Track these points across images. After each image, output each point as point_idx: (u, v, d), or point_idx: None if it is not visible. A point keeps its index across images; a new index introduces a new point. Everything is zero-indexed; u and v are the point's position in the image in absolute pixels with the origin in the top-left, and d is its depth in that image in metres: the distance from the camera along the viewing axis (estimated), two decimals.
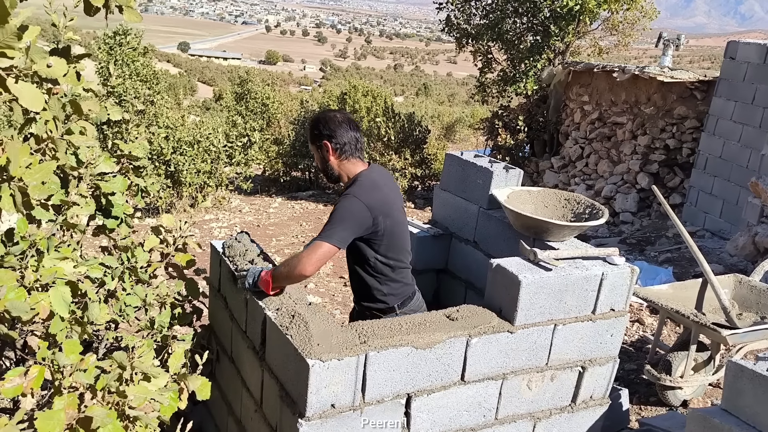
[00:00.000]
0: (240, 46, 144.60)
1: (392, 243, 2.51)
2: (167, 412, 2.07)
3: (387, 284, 2.57)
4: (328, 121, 2.52)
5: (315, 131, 2.53)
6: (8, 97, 1.55)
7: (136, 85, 11.17)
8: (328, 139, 2.49)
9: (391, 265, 2.54)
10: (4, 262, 1.94)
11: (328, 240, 2.28)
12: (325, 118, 2.55)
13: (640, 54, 53.27)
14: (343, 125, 2.52)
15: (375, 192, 2.44)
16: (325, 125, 2.51)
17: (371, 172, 2.54)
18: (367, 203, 2.37)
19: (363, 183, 2.46)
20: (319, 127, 2.52)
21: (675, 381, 3.44)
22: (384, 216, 2.43)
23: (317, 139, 2.52)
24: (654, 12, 11.17)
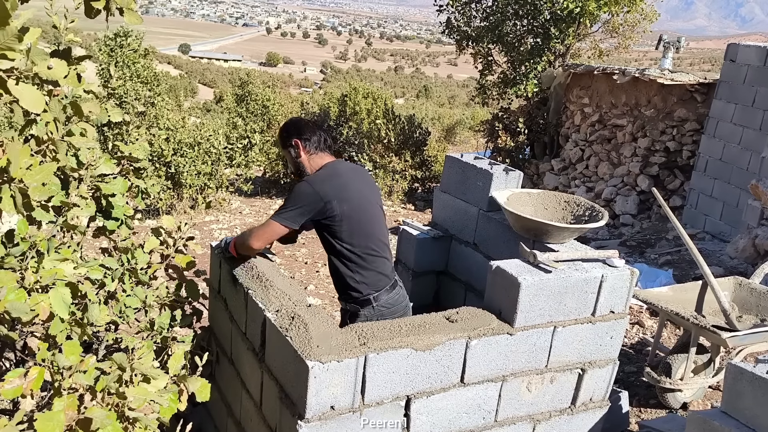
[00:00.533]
0: (241, 47, 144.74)
1: (354, 229, 2.56)
2: (167, 414, 2.07)
3: (358, 272, 2.59)
4: (294, 124, 2.75)
5: (284, 134, 2.72)
6: (9, 99, 1.56)
7: (137, 87, 11.17)
8: (298, 137, 2.67)
9: (358, 254, 2.58)
10: (4, 263, 1.94)
11: (277, 219, 2.50)
12: (292, 121, 2.79)
13: (641, 56, 53.31)
14: (309, 125, 2.73)
15: (331, 179, 2.57)
16: (293, 127, 2.72)
17: (336, 163, 2.70)
18: (317, 188, 2.50)
19: (320, 172, 2.62)
20: (288, 129, 2.72)
21: (675, 383, 3.44)
22: (339, 201, 2.50)
23: (288, 141, 2.69)
24: (654, 14, 11.18)
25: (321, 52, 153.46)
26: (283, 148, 2.74)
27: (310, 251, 7.47)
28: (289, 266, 6.81)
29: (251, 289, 2.42)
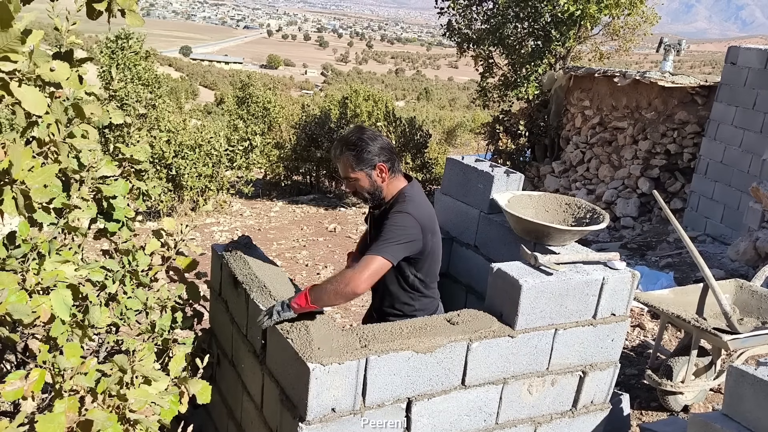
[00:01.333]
0: (242, 50, 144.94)
1: (433, 262, 2.50)
2: (168, 416, 2.07)
3: (419, 300, 2.54)
4: (374, 141, 2.34)
5: (365, 154, 2.32)
6: (11, 101, 1.56)
7: (138, 89, 11.19)
8: (384, 160, 2.35)
9: (426, 283, 2.52)
10: (5, 265, 1.94)
11: (382, 254, 2.16)
12: (370, 137, 2.34)
13: (641, 59, 53.33)
14: (385, 141, 2.38)
15: (424, 208, 2.37)
16: (374, 146, 2.33)
17: (413, 187, 2.44)
18: (419, 219, 2.29)
19: (413, 199, 2.36)
20: (368, 149, 2.32)
21: (676, 386, 3.44)
22: (432, 234, 2.39)
23: (368, 164, 2.33)
24: (655, 17, 11.19)
25: (322, 55, 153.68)
26: (357, 169, 2.34)
27: (311, 254, 7.47)
28: (290, 269, 6.81)
29: (252, 291, 2.42)
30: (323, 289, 2.14)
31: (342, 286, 2.13)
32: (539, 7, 10.53)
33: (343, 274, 2.16)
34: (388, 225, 2.25)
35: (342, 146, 2.36)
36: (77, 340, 2.09)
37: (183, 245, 2.73)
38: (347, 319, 5.35)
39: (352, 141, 2.34)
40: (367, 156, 2.32)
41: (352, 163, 2.33)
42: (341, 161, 2.36)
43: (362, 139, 2.33)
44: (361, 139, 2.33)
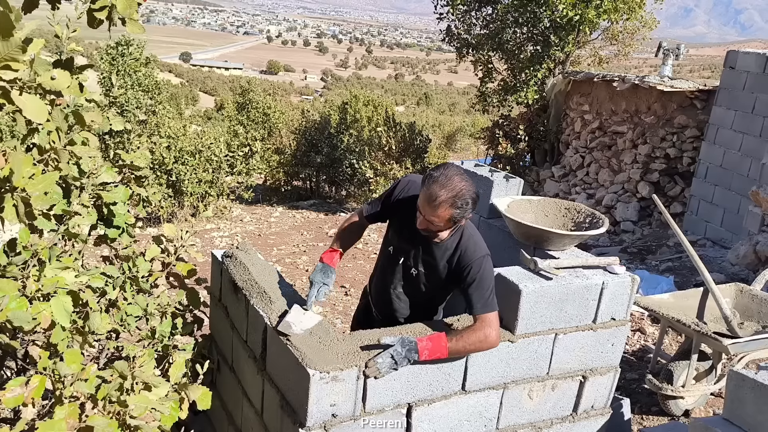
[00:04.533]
0: (241, 56, 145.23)
1: None
2: (168, 422, 2.07)
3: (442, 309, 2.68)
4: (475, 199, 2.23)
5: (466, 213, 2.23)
6: (12, 109, 1.57)
7: (138, 96, 11.23)
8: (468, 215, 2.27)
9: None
10: (6, 272, 1.95)
11: (496, 308, 2.23)
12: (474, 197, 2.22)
13: (640, 63, 53.43)
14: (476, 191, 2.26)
15: (481, 238, 2.38)
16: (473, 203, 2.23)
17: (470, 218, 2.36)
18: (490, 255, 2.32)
19: (477, 234, 2.36)
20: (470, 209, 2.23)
21: (677, 390, 3.43)
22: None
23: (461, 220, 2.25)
24: (654, 22, 11.22)
25: (322, 60, 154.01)
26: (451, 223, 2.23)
27: (311, 259, 7.47)
28: (290, 274, 6.81)
29: (252, 297, 2.42)
30: (462, 350, 2.19)
31: (482, 347, 2.21)
32: (538, 13, 10.57)
33: (476, 336, 2.18)
34: (483, 275, 2.24)
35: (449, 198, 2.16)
36: (77, 346, 2.09)
37: (183, 251, 2.73)
38: (347, 325, 5.35)
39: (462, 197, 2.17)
40: (466, 214, 2.23)
41: (454, 218, 2.20)
42: (438, 210, 2.17)
43: (471, 199, 2.20)
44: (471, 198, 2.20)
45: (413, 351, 2.10)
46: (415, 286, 2.52)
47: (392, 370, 2.09)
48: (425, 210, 2.20)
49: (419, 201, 2.23)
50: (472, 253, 2.29)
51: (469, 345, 2.17)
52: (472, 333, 2.17)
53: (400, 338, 2.11)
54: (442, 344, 2.14)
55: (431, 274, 2.44)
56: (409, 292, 2.55)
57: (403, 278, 2.54)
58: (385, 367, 2.06)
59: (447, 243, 2.35)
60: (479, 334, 2.17)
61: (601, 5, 9.93)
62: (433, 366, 2.20)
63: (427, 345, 2.13)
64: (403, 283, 2.55)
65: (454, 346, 2.16)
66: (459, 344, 2.16)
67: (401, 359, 2.08)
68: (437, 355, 2.14)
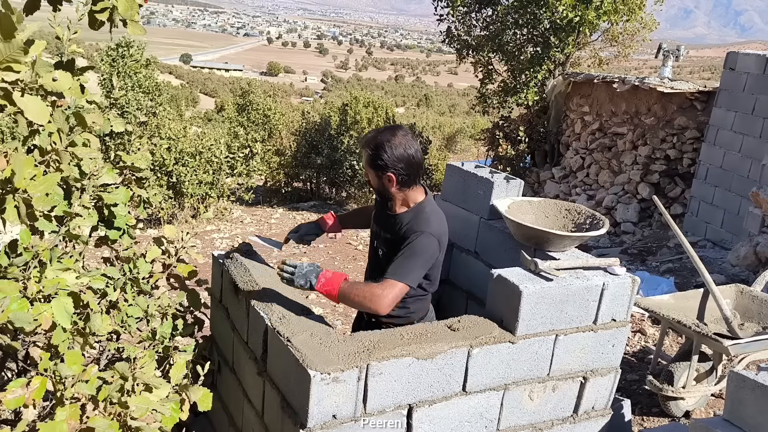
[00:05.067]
0: (242, 57, 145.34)
1: (435, 274, 2.54)
2: (169, 423, 2.07)
3: (414, 303, 2.58)
4: (394, 148, 2.32)
5: (378, 161, 2.34)
6: (13, 110, 1.57)
7: (139, 97, 11.24)
8: (394, 172, 2.35)
9: (425, 288, 2.55)
10: (7, 273, 1.95)
11: (406, 280, 2.23)
12: (392, 144, 2.32)
13: (640, 65, 53.46)
14: (409, 150, 2.35)
15: (442, 225, 2.42)
16: (391, 154, 2.32)
17: (431, 201, 2.47)
18: (439, 239, 2.35)
19: (433, 217, 2.40)
20: (383, 156, 2.33)
21: (677, 391, 3.43)
22: (443, 251, 2.44)
23: (381, 169, 2.36)
24: (653, 23, 11.23)
25: (322, 62, 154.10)
26: (371, 168, 2.39)
27: (312, 260, 7.47)
28: None
29: (253, 298, 2.43)
30: (351, 294, 2.19)
31: (366, 302, 2.19)
32: (538, 14, 10.58)
33: (371, 290, 2.19)
34: (413, 246, 2.28)
35: (367, 142, 2.39)
36: (78, 347, 2.09)
37: (184, 253, 2.73)
38: (348, 326, 5.35)
39: (376, 141, 2.35)
40: (380, 162, 2.34)
41: (368, 162, 2.39)
42: (364, 157, 2.42)
43: (384, 143, 2.33)
44: (385, 142, 2.33)
45: (314, 275, 2.17)
46: (381, 267, 2.49)
47: (288, 281, 2.18)
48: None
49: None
50: (416, 226, 2.36)
51: (357, 295, 2.17)
52: (368, 287, 2.19)
53: (311, 263, 2.20)
54: (338, 282, 2.17)
55: (390, 250, 2.46)
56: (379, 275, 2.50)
57: (374, 261, 2.61)
58: (286, 275, 2.17)
59: (403, 217, 2.44)
60: (373, 291, 2.18)
61: (601, 7, 9.95)
62: (434, 367, 2.21)
63: (327, 275, 2.18)
64: (376, 267, 2.58)
65: (345, 288, 2.17)
66: (350, 289, 2.17)
67: (300, 276, 2.16)
68: (328, 289, 2.17)
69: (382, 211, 2.57)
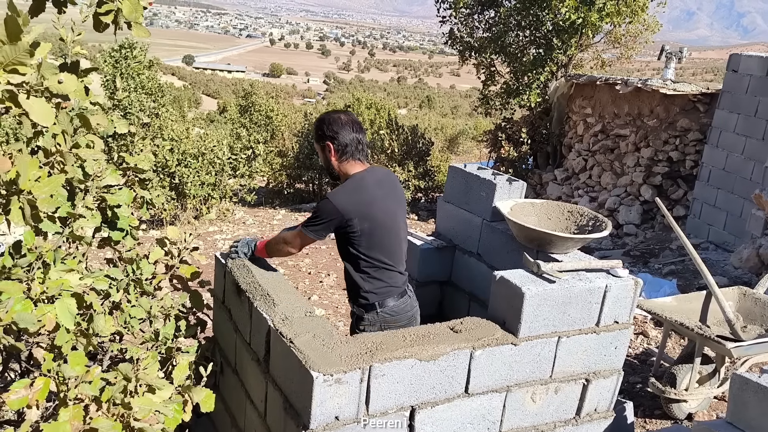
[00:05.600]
0: (244, 59, 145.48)
1: (372, 244, 2.59)
2: (171, 424, 2.07)
3: (368, 281, 2.65)
4: (332, 123, 2.62)
5: (319, 132, 2.65)
6: (18, 112, 1.58)
7: (141, 98, 11.24)
8: (331, 141, 2.60)
9: (374, 265, 2.62)
10: (11, 274, 1.96)
11: (306, 232, 2.58)
12: (330, 119, 2.64)
13: (643, 66, 53.41)
14: (346, 127, 2.61)
15: (355, 194, 2.56)
16: (329, 126, 2.61)
17: (365, 173, 2.64)
18: (339, 205, 2.51)
19: (347, 185, 2.60)
20: (323, 127, 2.63)
21: (680, 394, 3.43)
22: (360, 218, 2.52)
23: (321, 140, 2.65)
24: (656, 25, 11.22)
25: (324, 63, 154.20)
26: (315, 142, 2.70)
27: (314, 261, 7.47)
28: (292, 276, 6.82)
29: (255, 299, 2.43)
30: (271, 242, 2.70)
31: (283, 247, 2.68)
32: (541, 16, 10.58)
33: (282, 236, 2.67)
34: (316, 208, 2.58)
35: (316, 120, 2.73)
36: (82, 348, 2.09)
37: (186, 254, 2.74)
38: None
39: (320, 117, 2.70)
40: (320, 133, 2.64)
41: (314, 134, 2.69)
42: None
43: (325, 118, 2.66)
44: (325, 118, 2.66)
45: (253, 243, 2.73)
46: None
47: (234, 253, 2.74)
48: None
49: None
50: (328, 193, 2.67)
51: (274, 242, 2.69)
52: (282, 235, 2.67)
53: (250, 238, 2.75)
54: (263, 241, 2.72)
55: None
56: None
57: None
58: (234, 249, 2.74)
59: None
60: (285, 236, 2.65)
61: (603, 8, 9.94)
62: (436, 369, 2.21)
63: (261, 241, 2.73)
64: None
65: (269, 241, 2.71)
66: (270, 239, 2.71)
67: (242, 245, 2.73)
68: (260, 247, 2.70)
69: None
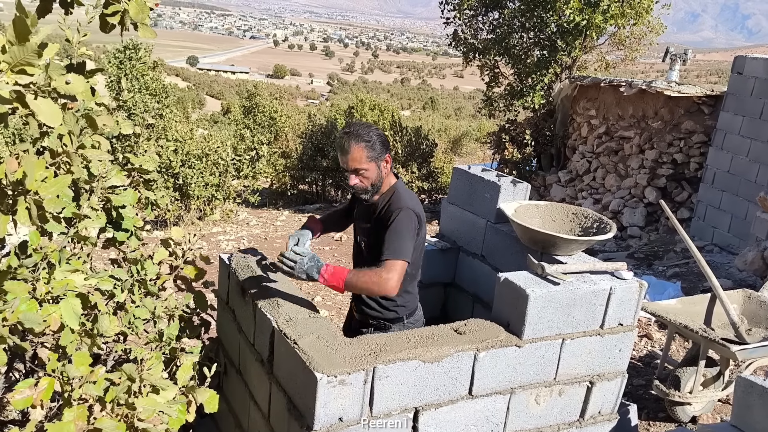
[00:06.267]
0: (248, 60, 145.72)
1: (419, 254, 2.57)
2: (175, 425, 2.08)
3: (402, 295, 2.57)
4: (380, 135, 2.46)
5: (379, 146, 2.43)
6: (25, 112, 1.58)
7: (146, 99, 11.27)
8: (389, 152, 2.49)
9: (413, 276, 2.58)
10: (17, 275, 1.96)
11: (403, 256, 2.29)
12: (376, 132, 2.46)
13: (647, 68, 53.32)
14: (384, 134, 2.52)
15: (416, 201, 2.51)
16: (383, 138, 2.46)
17: (401, 182, 2.58)
18: (417, 213, 2.42)
19: (407, 193, 2.51)
20: (379, 142, 2.43)
21: (684, 397, 3.42)
22: (422, 226, 2.48)
23: (382, 154, 2.45)
24: (661, 27, 11.20)
25: (328, 64, 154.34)
26: (371, 161, 2.42)
27: None
28: None
29: (259, 300, 2.43)
30: (358, 283, 2.25)
31: (375, 287, 2.26)
32: (545, 17, 10.57)
33: (376, 275, 2.25)
34: (396, 224, 2.35)
35: (353, 139, 2.40)
36: (86, 348, 2.10)
37: (191, 254, 2.74)
38: None
39: (362, 134, 2.41)
40: (380, 147, 2.43)
41: (366, 155, 2.40)
42: (353, 153, 2.39)
43: (372, 133, 2.43)
44: (372, 132, 2.43)
45: (315, 270, 2.21)
46: (363, 259, 2.60)
47: (290, 272, 2.22)
48: (344, 161, 2.42)
49: (340, 162, 2.46)
50: (395, 204, 2.43)
51: (364, 282, 2.24)
52: (373, 273, 2.25)
53: (314, 254, 2.23)
54: (342, 276, 2.23)
55: (370, 238, 2.55)
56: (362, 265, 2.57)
57: (358, 256, 2.67)
58: (286, 266, 2.21)
59: (379, 204, 2.51)
60: (378, 276, 2.24)
61: (608, 10, 9.93)
62: (440, 371, 2.20)
63: (329, 270, 2.22)
64: (359, 261, 2.66)
65: (351, 279, 2.23)
66: (355, 278, 2.24)
67: (300, 270, 2.20)
68: (334, 283, 2.23)
69: (360, 206, 2.66)
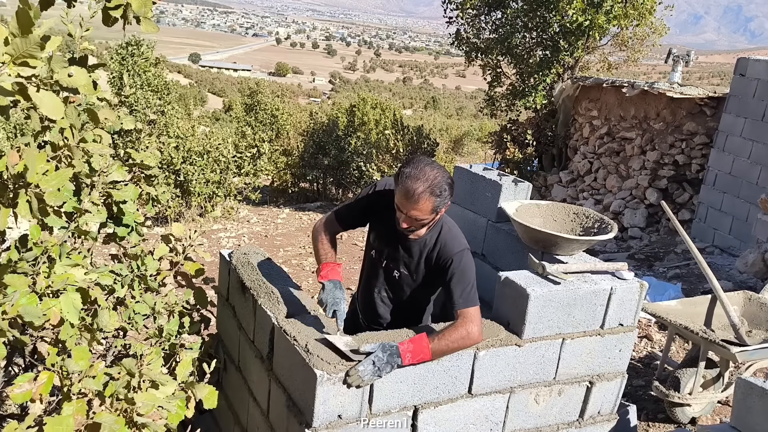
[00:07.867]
0: (250, 57, 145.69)
1: None
2: (174, 420, 2.08)
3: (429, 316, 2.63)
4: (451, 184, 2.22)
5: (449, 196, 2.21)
6: (27, 105, 1.58)
7: (147, 95, 11.28)
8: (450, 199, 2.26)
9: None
10: (17, 268, 1.96)
11: (476, 303, 2.20)
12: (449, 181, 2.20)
13: (650, 70, 53.31)
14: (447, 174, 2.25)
15: (460, 231, 2.38)
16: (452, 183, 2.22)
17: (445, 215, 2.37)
18: (469, 249, 2.32)
19: (455, 228, 2.36)
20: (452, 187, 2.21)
21: (684, 398, 3.41)
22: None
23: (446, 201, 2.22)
24: (663, 28, 11.19)
25: (330, 63, 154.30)
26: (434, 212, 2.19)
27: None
28: (296, 275, 6.82)
29: (260, 296, 2.43)
30: (446, 350, 2.14)
31: (465, 345, 2.17)
32: (548, 18, 10.56)
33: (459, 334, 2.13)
34: (462, 270, 2.23)
35: (427, 192, 2.14)
36: (86, 343, 2.10)
37: (191, 251, 2.74)
38: None
39: (436, 186, 2.15)
40: (446, 198, 2.21)
41: (432, 207, 2.17)
42: (420, 204, 2.15)
43: (445, 183, 2.18)
44: (444, 182, 2.18)
45: (395, 355, 2.03)
46: (398, 288, 2.50)
47: (376, 377, 2.02)
48: (406, 207, 2.17)
49: (397, 200, 2.20)
50: (451, 247, 2.28)
51: (451, 343, 2.12)
52: (454, 330, 2.13)
53: (380, 344, 2.05)
54: (424, 345, 2.08)
55: (412, 273, 2.43)
56: (393, 295, 2.53)
57: (386, 281, 2.52)
58: (368, 375, 2.00)
59: (426, 239, 2.34)
60: (461, 331, 2.13)
61: (611, 11, 9.91)
62: (440, 369, 2.20)
63: (409, 347, 2.06)
64: (386, 287, 2.53)
65: (437, 346, 2.10)
66: (441, 343, 2.11)
67: (383, 365, 2.01)
68: (420, 358, 2.08)
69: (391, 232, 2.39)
